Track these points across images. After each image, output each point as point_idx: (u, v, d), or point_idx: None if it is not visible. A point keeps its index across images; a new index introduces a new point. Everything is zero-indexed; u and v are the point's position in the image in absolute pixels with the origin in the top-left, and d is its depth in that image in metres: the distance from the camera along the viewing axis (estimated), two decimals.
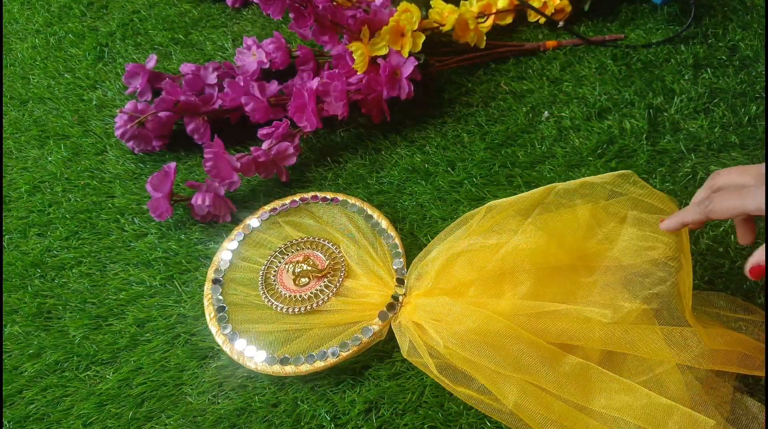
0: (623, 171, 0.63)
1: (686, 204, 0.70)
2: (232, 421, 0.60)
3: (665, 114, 0.79)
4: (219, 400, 0.61)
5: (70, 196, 0.80)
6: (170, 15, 1.03)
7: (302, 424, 0.59)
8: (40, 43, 1.02)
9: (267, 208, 0.74)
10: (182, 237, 0.74)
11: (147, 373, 0.64)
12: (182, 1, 1.05)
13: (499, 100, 0.84)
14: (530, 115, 0.82)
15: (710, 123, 0.77)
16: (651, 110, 0.79)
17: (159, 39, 1.00)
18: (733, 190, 0.50)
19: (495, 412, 0.56)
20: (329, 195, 0.74)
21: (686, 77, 0.83)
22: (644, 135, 0.77)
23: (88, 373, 0.64)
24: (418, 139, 0.81)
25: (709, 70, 0.83)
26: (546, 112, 0.81)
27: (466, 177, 0.76)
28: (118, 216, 0.77)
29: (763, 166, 0.49)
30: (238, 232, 0.72)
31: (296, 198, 0.74)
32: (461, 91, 0.86)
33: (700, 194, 0.54)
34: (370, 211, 0.72)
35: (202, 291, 0.68)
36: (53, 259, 0.74)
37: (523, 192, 0.73)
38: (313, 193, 0.74)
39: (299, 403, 0.60)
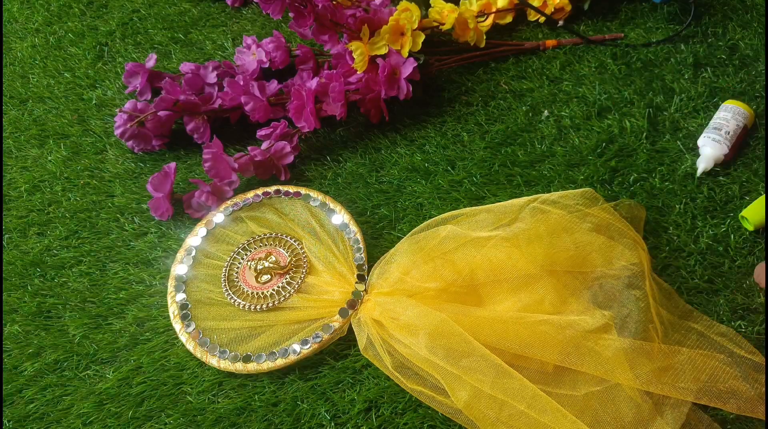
0: (585, 189, 0.66)
1: (686, 204, 0.70)
2: (232, 420, 0.60)
3: (665, 113, 0.79)
4: (219, 399, 0.61)
5: (69, 195, 0.80)
6: (170, 14, 1.03)
7: (302, 423, 0.59)
8: (40, 42, 1.02)
9: (230, 202, 0.74)
10: (182, 236, 0.74)
11: (147, 372, 0.64)
12: (182, 1, 1.05)
13: (499, 99, 0.84)
14: (530, 115, 0.82)
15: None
16: (651, 109, 0.79)
17: (159, 38, 1.00)
18: None
19: (447, 409, 0.57)
20: (291, 189, 0.74)
21: (686, 76, 0.83)
22: (644, 134, 0.77)
23: (88, 372, 0.64)
24: (417, 138, 0.81)
25: (709, 69, 0.83)
26: (546, 112, 0.81)
27: (466, 176, 0.76)
28: (117, 215, 0.77)
29: None
30: (201, 228, 0.72)
31: (259, 192, 0.74)
32: (461, 90, 0.86)
33: None
34: (332, 205, 0.72)
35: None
36: (53, 258, 0.74)
37: (523, 191, 0.73)
38: (276, 188, 0.75)
39: (299, 402, 0.60)
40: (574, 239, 0.62)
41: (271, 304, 0.66)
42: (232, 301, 0.66)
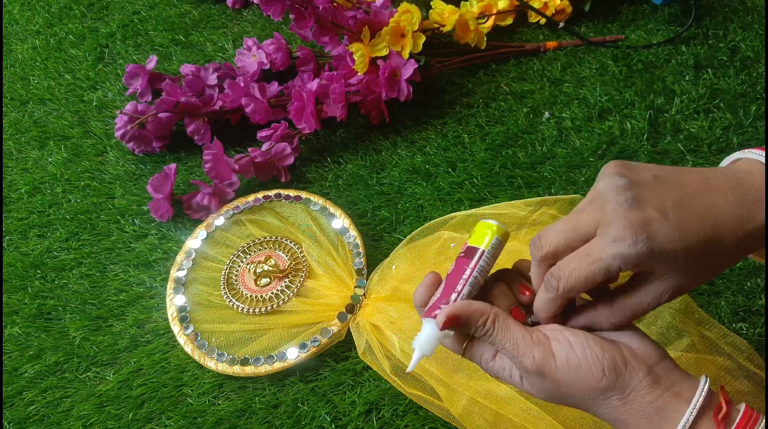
0: (574, 196, 0.66)
1: None
2: (233, 423, 0.60)
3: (666, 115, 0.79)
4: (219, 402, 0.61)
5: (70, 197, 0.80)
6: (170, 16, 1.03)
7: (303, 425, 0.59)
8: (41, 44, 1.02)
9: (230, 206, 0.74)
10: (182, 238, 0.74)
11: (147, 374, 0.64)
12: (183, 2, 1.05)
13: (500, 100, 0.84)
14: (531, 116, 0.82)
15: (711, 124, 0.77)
16: (652, 111, 0.79)
17: (159, 40, 1.00)
18: (575, 252, 0.38)
19: (446, 414, 0.57)
20: (292, 193, 0.74)
21: (687, 78, 0.83)
22: (645, 136, 0.77)
23: (88, 374, 0.64)
24: (418, 139, 0.81)
25: (709, 70, 0.83)
26: (547, 113, 0.81)
27: (467, 178, 0.76)
28: (118, 217, 0.77)
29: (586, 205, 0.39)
30: (201, 231, 0.72)
31: (260, 196, 0.74)
32: (462, 92, 0.86)
33: (534, 271, 0.41)
34: (332, 210, 0.72)
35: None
36: (53, 260, 0.74)
37: (523, 193, 0.73)
38: (276, 191, 0.75)
39: (299, 404, 0.60)
40: None
41: (269, 308, 0.65)
42: (231, 304, 0.66)
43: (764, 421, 0.36)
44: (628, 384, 0.37)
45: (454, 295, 0.42)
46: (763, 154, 0.40)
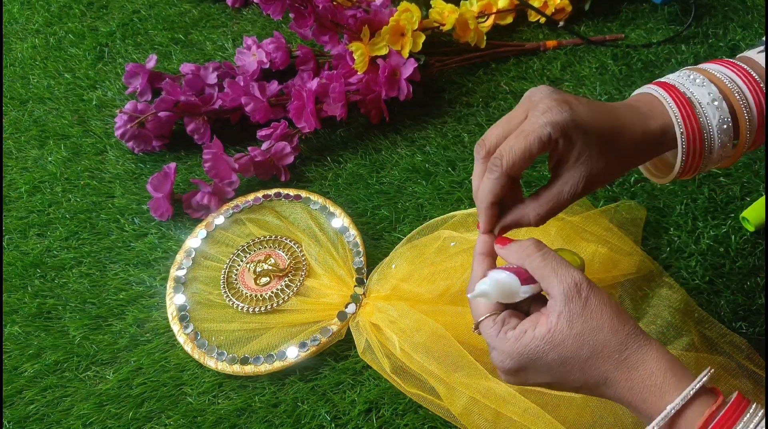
0: None
1: (686, 205, 0.70)
2: (233, 422, 0.60)
3: None
4: (219, 401, 0.61)
5: (70, 196, 0.80)
6: (170, 15, 1.03)
7: (302, 424, 0.59)
8: (40, 43, 1.01)
9: (230, 205, 0.74)
10: (182, 237, 0.74)
11: (147, 373, 0.64)
12: (182, 1, 1.05)
13: (500, 100, 0.84)
14: None
15: None
16: None
17: (159, 39, 0.99)
18: (512, 134, 0.44)
19: (445, 413, 0.57)
20: (292, 192, 0.74)
21: None
22: None
23: (88, 373, 0.64)
24: (418, 139, 0.81)
25: None
26: None
27: (467, 177, 0.76)
28: (118, 216, 0.77)
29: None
30: (200, 230, 0.72)
31: (259, 195, 0.74)
32: (462, 91, 0.86)
33: (477, 170, 0.46)
34: (332, 209, 0.72)
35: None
36: (53, 259, 0.74)
37: (523, 192, 0.73)
38: (276, 190, 0.75)
39: (299, 403, 0.60)
40: (575, 248, 0.61)
41: (269, 307, 0.65)
42: (231, 303, 0.66)
43: (753, 407, 0.37)
44: (644, 339, 0.39)
45: None
46: (658, 89, 0.47)
